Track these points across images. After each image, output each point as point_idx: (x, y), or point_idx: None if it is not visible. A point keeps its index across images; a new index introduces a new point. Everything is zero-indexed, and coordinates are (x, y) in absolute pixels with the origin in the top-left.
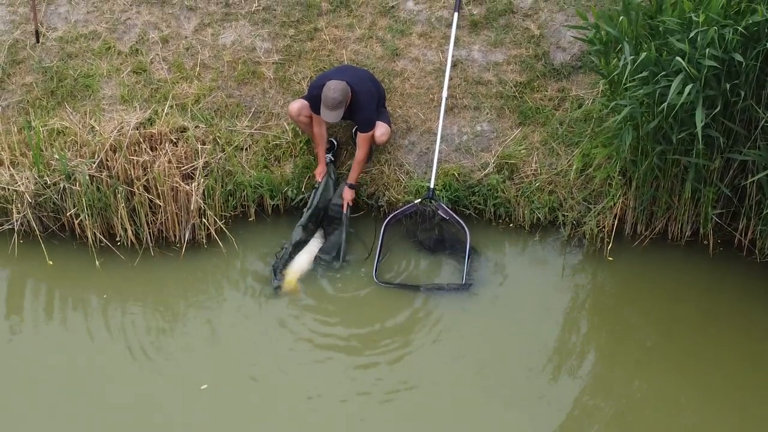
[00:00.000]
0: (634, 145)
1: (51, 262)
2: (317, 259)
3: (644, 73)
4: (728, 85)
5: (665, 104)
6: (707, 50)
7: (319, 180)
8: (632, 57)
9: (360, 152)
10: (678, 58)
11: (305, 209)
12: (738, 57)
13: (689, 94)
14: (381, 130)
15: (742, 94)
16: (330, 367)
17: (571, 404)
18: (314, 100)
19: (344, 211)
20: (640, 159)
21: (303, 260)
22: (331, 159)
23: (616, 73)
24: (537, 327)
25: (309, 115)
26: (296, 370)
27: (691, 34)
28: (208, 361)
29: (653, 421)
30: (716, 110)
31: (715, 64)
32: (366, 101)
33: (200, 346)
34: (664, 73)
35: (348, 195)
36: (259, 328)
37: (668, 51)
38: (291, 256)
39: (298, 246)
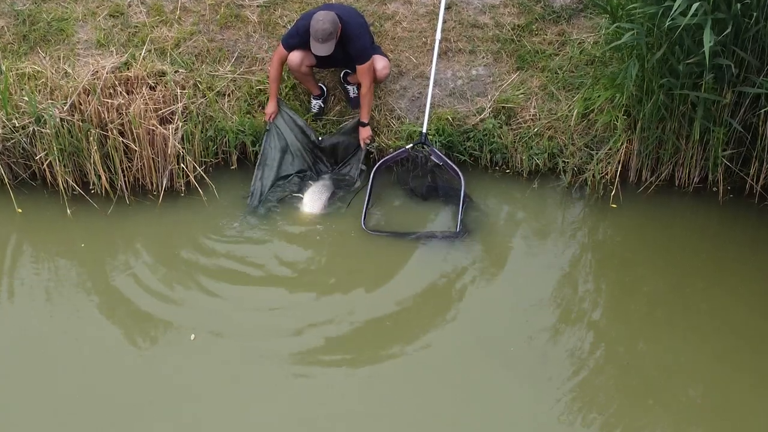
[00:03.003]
0: (639, 83)
1: (20, 210)
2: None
3: None
4: (739, 6)
5: (669, 21)
6: None
7: (270, 120)
8: None
9: (364, 86)
10: None
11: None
12: None
13: (696, 14)
14: (382, 63)
15: (754, 15)
16: (317, 315)
17: (571, 360)
18: (302, 37)
19: (363, 150)
20: (645, 98)
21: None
22: (320, 106)
23: None
24: (536, 278)
25: (310, 65)
26: (281, 319)
27: None
28: (192, 312)
29: (659, 377)
30: (726, 32)
31: None
32: (358, 33)
33: (181, 297)
34: None
35: (365, 133)
36: (241, 277)
37: None
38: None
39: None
